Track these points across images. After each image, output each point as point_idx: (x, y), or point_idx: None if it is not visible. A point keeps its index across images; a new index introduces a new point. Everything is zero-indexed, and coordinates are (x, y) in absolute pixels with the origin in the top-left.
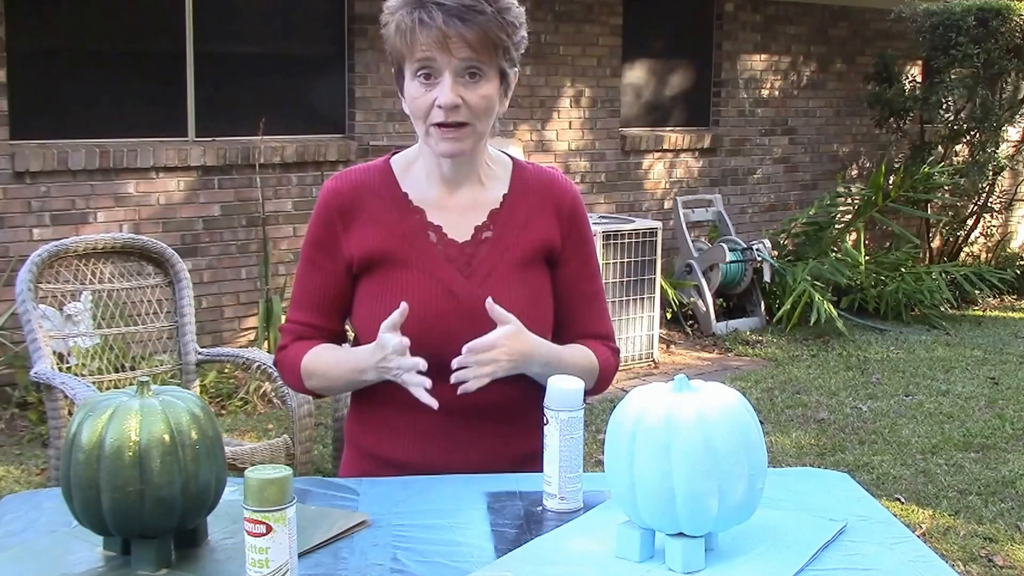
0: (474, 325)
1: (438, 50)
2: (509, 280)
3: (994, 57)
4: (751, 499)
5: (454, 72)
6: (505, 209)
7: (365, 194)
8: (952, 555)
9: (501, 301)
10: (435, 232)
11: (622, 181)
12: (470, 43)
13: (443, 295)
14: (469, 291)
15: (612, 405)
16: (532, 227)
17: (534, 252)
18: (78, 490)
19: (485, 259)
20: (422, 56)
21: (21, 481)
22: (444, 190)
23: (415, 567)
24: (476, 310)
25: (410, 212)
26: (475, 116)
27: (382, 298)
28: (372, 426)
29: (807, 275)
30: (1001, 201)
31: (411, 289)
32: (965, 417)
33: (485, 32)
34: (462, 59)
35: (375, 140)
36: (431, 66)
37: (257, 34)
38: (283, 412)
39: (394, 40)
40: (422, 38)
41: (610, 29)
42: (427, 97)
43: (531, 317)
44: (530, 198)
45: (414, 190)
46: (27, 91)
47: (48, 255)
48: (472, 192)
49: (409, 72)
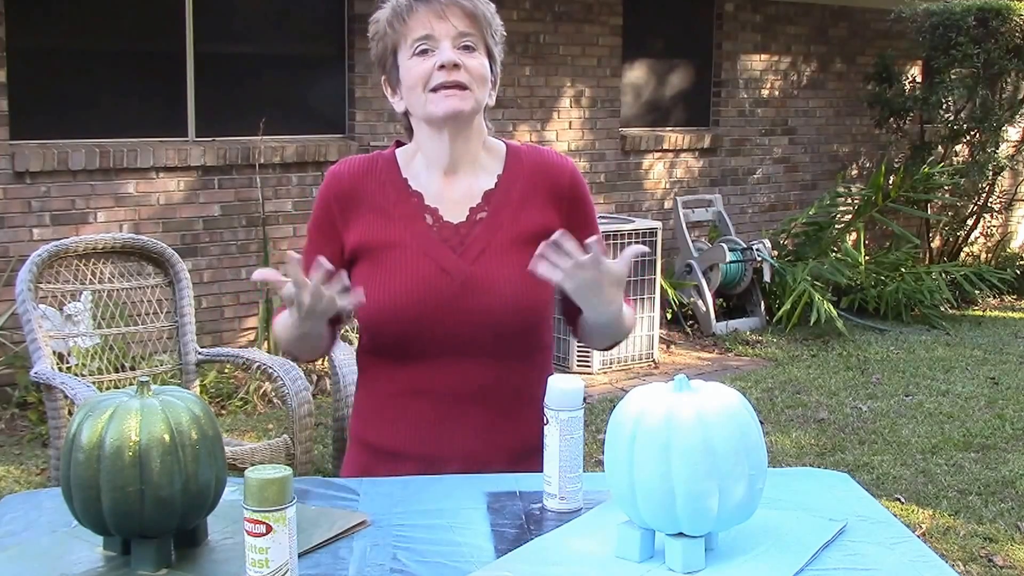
0: (467, 302)
1: (436, 20)
2: (503, 257)
3: (994, 57)
4: (751, 499)
5: (452, 42)
6: (499, 191)
7: (365, 178)
8: (952, 555)
9: (495, 277)
10: (431, 215)
11: (622, 181)
12: (466, 13)
13: (435, 272)
14: (461, 268)
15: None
16: (528, 208)
17: (530, 233)
18: (78, 490)
19: (479, 237)
20: (420, 34)
21: (21, 481)
22: (442, 178)
23: (415, 567)
24: (468, 285)
25: (408, 196)
26: (473, 81)
27: (376, 278)
28: (370, 418)
29: (807, 275)
30: (1001, 201)
31: (404, 268)
32: (965, 417)
33: (476, 5)
34: (460, 29)
35: (375, 140)
36: (428, 40)
37: (257, 34)
38: (283, 412)
39: (389, 27)
40: (421, 13)
41: (610, 29)
42: (426, 63)
43: (526, 293)
44: (525, 180)
45: (414, 177)
46: (27, 91)
47: (48, 255)
48: (469, 179)
49: (405, 54)
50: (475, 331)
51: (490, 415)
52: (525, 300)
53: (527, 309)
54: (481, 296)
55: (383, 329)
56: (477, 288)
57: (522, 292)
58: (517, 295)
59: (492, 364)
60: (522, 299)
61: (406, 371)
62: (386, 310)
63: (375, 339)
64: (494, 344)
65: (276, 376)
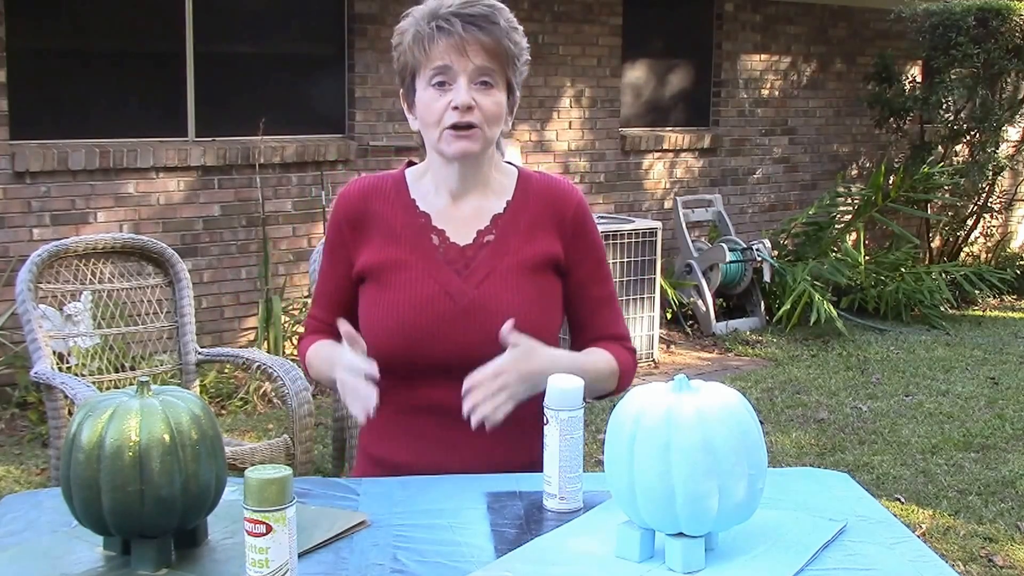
0: (468, 326)
1: (456, 55)
2: (507, 282)
3: (994, 57)
4: (751, 499)
5: (469, 78)
6: (508, 215)
7: (374, 198)
8: (952, 555)
9: (497, 303)
10: (438, 235)
11: (622, 181)
12: (486, 49)
13: (438, 295)
14: (464, 292)
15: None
16: (535, 236)
17: (536, 260)
18: (78, 490)
19: (484, 261)
20: (439, 64)
21: (21, 481)
22: (451, 200)
23: (415, 567)
24: (471, 310)
25: (416, 216)
26: (485, 121)
27: (380, 299)
28: (378, 433)
29: (807, 275)
30: (1001, 201)
31: (408, 289)
32: (965, 417)
33: (499, 41)
34: (478, 65)
35: (375, 140)
36: (446, 73)
37: (257, 34)
38: (283, 412)
39: (410, 50)
40: (441, 44)
41: (610, 29)
42: (441, 101)
43: (530, 319)
44: (533, 208)
45: (422, 198)
46: (27, 91)
47: (48, 255)
48: (478, 201)
49: (423, 81)
50: (476, 354)
51: (495, 435)
52: (527, 326)
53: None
54: (483, 321)
55: (387, 348)
56: (479, 313)
57: (524, 318)
58: (519, 323)
59: None
60: (524, 326)
61: (411, 388)
62: (389, 330)
63: (380, 357)
64: None
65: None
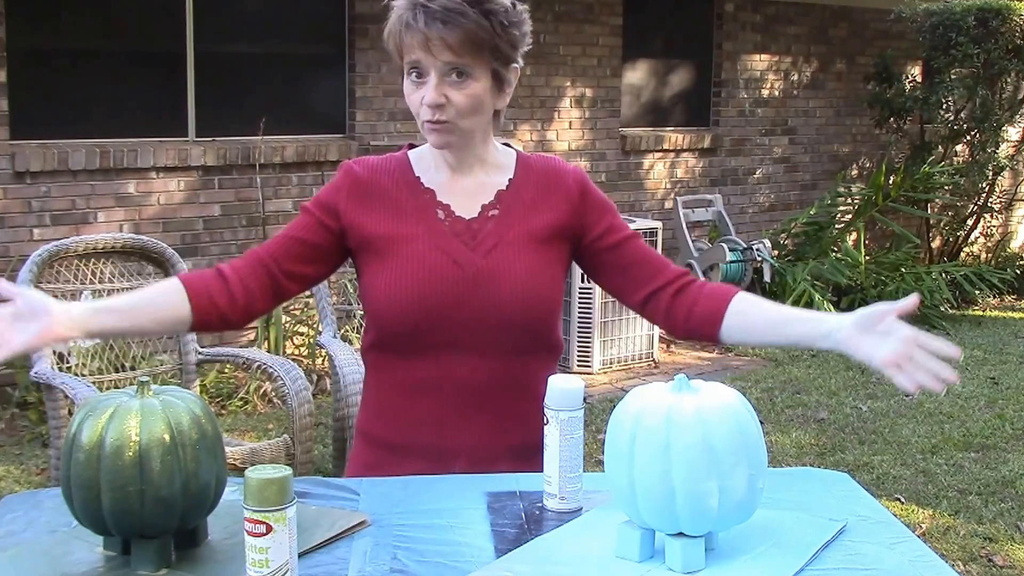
0: (477, 294)
1: (422, 52)
2: (515, 252)
3: (994, 57)
4: (751, 499)
5: (439, 72)
6: (512, 191)
7: (380, 175)
8: (952, 555)
9: (505, 271)
10: (443, 210)
11: (622, 181)
12: (451, 46)
13: (447, 264)
14: (473, 261)
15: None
16: (539, 209)
17: (543, 230)
18: (78, 490)
19: (491, 233)
20: (411, 58)
21: (21, 481)
22: (451, 174)
23: (415, 567)
24: (479, 279)
25: (420, 193)
26: (459, 115)
27: (387, 270)
28: (377, 412)
29: (807, 275)
30: (1001, 201)
31: (416, 260)
32: (965, 417)
33: (467, 34)
34: (444, 62)
35: (376, 140)
36: (419, 66)
37: (257, 34)
38: (283, 412)
39: (391, 37)
40: (407, 40)
41: (610, 29)
42: (417, 94)
43: (536, 289)
44: (536, 184)
45: (426, 175)
46: (27, 91)
47: (48, 255)
48: (481, 176)
49: (404, 68)
50: (484, 324)
51: (496, 411)
52: (534, 296)
53: (536, 305)
54: (492, 289)
55: (393, 320)
56: (488, 281)
57: (532, 288)
58: (527, 290)
59: (499, 360)
60: (531, 294)
61: (414, 365)
62: (397, 301)
63: (384, 331)
64: (502, 338)
65: (276, 376)
